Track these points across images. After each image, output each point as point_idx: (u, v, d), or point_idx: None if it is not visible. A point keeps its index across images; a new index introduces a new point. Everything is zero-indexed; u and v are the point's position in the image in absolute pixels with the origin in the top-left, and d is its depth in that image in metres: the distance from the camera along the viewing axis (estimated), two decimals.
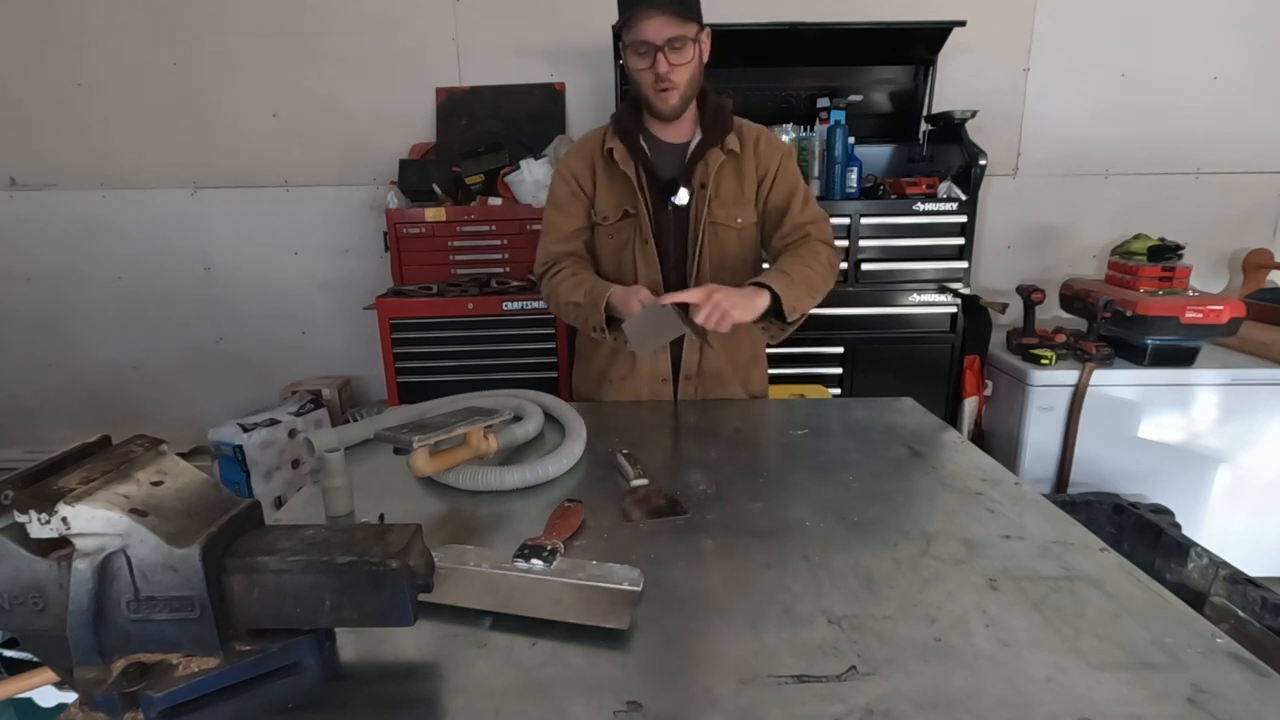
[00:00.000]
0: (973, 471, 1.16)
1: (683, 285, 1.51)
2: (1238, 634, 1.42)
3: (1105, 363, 2.34)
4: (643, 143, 1.48)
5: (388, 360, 2.52)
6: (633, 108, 1.49)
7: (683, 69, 1.36)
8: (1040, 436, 2.38)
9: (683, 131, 1.50)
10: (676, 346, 1.54)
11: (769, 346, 1.64)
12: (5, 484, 0.59)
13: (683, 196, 1.46)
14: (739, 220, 1.50)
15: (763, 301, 1.32)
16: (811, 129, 2.55)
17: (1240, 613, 1.51)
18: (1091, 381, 2.29)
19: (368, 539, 0.65)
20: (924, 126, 2.75)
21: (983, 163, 2.42)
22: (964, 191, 2.46)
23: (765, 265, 1.59)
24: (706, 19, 1.38)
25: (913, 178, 2.49)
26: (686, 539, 0.95)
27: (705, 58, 1.42)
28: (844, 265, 2.48)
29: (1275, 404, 2.30)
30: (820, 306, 2.41)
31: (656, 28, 1.31)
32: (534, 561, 0.85)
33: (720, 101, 1.49)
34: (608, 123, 1.53)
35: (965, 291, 2.49)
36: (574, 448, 1.19)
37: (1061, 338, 2.45)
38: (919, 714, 0.63)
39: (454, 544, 0.91)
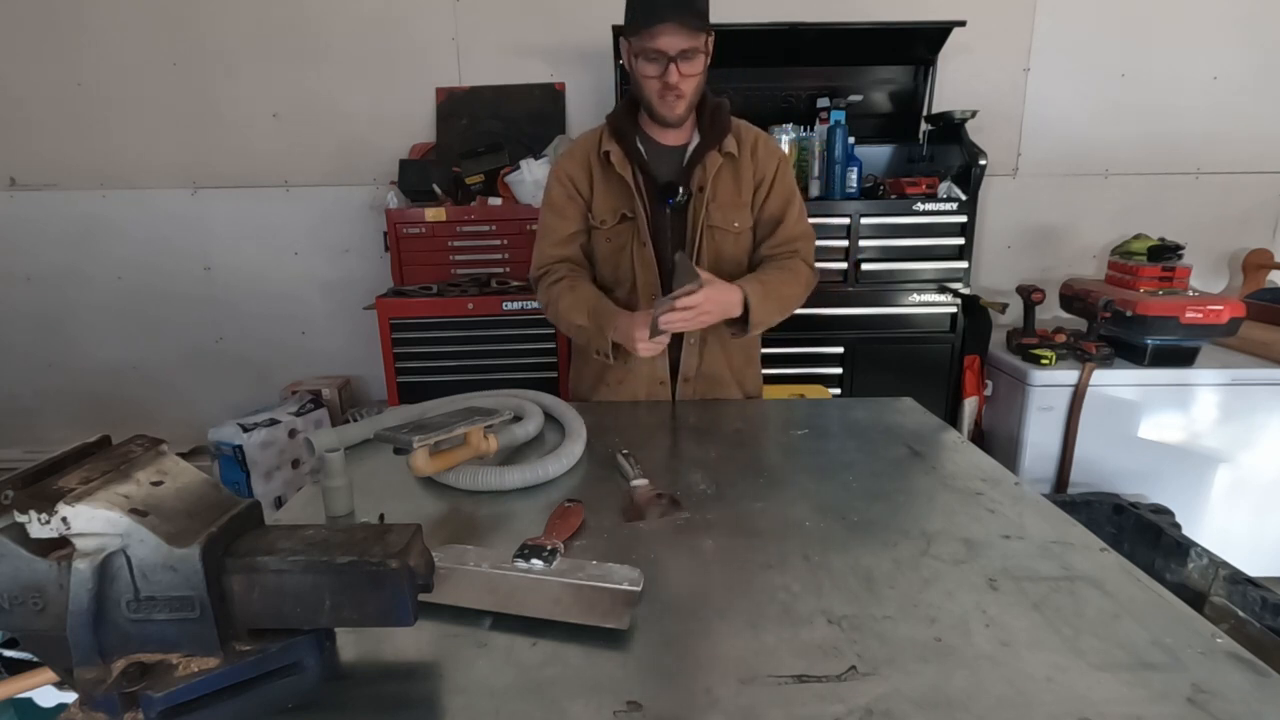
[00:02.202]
0: (973, 471, 1.16)
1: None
2: (1238, 634, 1.42)
3: (1105, 363, 2.34)
4: (639, 145, 1.48)
5: (388, 360, 2.52)
6: (629, 108, 1.49)
7: (692, 79, 1.36)
8: (1040, 436, 2.38)
9: (680, 134, 1.49)
10: (675, 350, 1.54)
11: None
12: (5, 484, 0.59)
13: (681, 199, 1.46)
14: (735, 224, 1.49)
15: (735, 311, 1.38)
16: (811, 129, 2.55)
17: (1240, 613, 1.51)
18: (1091, 381, 2.29)
19: (368, 539, 0.65)
20: (924, 126, 2.75)
21: (983, 163, 2.42)
22: (964, 191, 2.46)
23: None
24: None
25: (913, 178, 2.49)
26: (686, 539, 0.95)
27: (709, 61, 1.42)
28: (844, 265, 2.49)
29: (1275, 404, 2.30)
30: (820, 306, 2.45)
31: (671, 39, 1.30)
32: (534, 561, 0.85)
33: (718, 102, 1.49)
34: (602, 124, 1.52)
35: (965, 291, 2.49)
36: (574, 448, 1.19)
37: (1061, 338, 2.45)
38: (919, 714, 0.63)
39: (454, 544, 0.91)
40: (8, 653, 0.98)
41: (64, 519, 0.57)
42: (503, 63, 2.85)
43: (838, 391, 2.56)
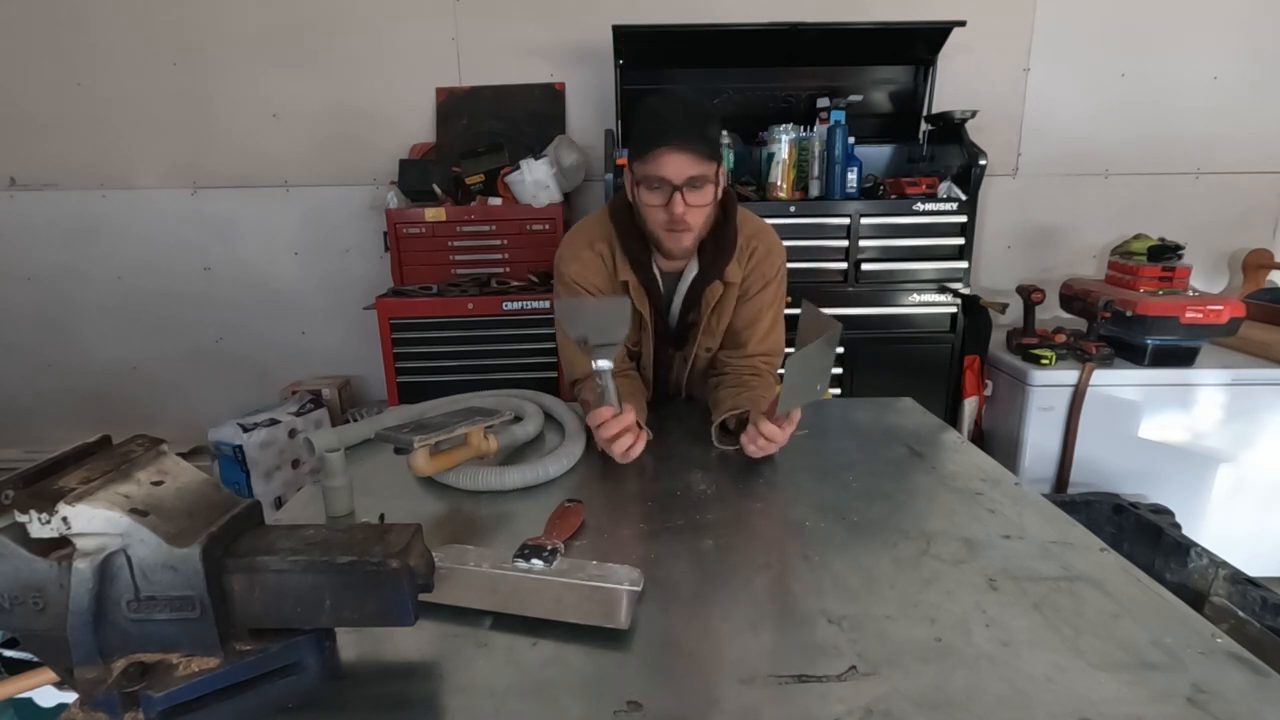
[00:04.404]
0: (973, 471, 1.16)
1: (665, 389, 1.54)
2: (1238, 634, 1.42)
3: (1105, 363, 2.34)
4: (655, 272, 1.38)
5: (388, 360, 2.52)
6: (636, 225, 1.36)
7: (699, 210, 1.26)
8: (1040, 436, 2.38)
9: (678, 260, 1.38)
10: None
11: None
12: (5, 484, 0.59)
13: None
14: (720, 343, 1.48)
15: None
16: (811, 129, 2.55)
17: (1240, 613, 1.51)
18: (1091, 381, 2.29)
19: (368, 539, 0.65)
20: (924, 126, 2.75)
21: (983, 163, 2.42)
22: (964, 191, 2.46)
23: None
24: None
25: (913, 178, 2.49)
26: (686, 539, 0.95)
27: (719, 194, 1.32)
28: (844, 265, 2.49)
29: (1275, 404, 2.30)
30: (820, 307, 2.43)
31: (677, 166, 1.20)
32: (534, 561, 0.85)
33: (729, 229, 1.36)
34: (606, 221, 1.39)
35: (965, 291, 2.49)
36: (574, 448, 1.19)
37: (1061, 338, 2.45)
38: (919, 714, 0.63)
39: (454, 544, 0.91)
40: (8, 653, 0.98)
41: (64, 519, 0.57)
42: (503, 63, 2.85)
43: (838, 391, 2.56)
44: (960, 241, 2.48)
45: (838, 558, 0.90)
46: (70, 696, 0.68)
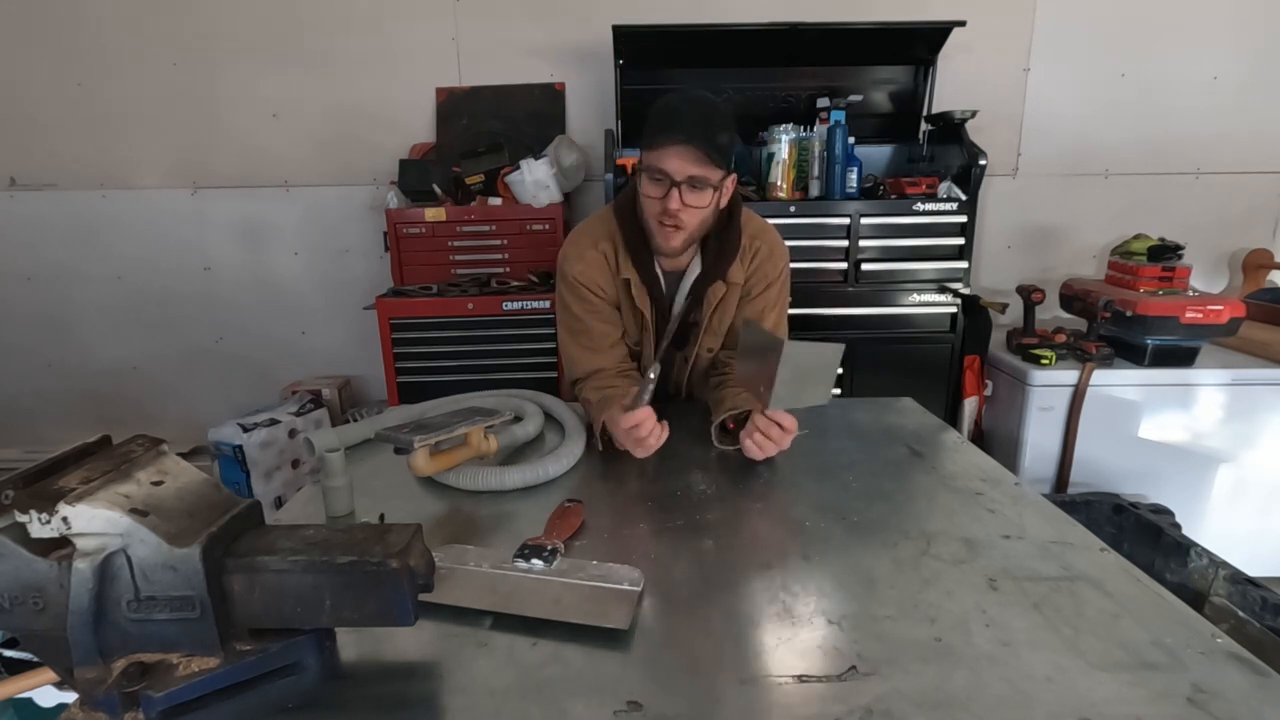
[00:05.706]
0: (973, 471, 1.16)
1: (665, 389, 1.52)
2: (1238, 634, 1.42)
3: (1105, 363, 2.34)
4: (658, 271, 1.38)
5: (388, 360, 2.52)
6: (638, 223, 1.36)
7: (695, 212, 1.25)
8: (1040, 436, 2.38)
9: (680, 259, 1.39)
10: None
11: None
12: (5, 484, 0.59)
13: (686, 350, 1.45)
14: (722, 346, 1.48)
15: None
16: (811, 129, 2.54)
17: (1240, 613, 1.51)
18: (1091, 381, 2.29)
19: (368, 539, 0.65)
20: (924, 126, 2.75)
21: (983, 163, 2.42)
22: (964, 191, 2.45)
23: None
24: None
25: (913, 178, 2.49)
26: (686, 539, 0.95)
27: (723, 203, 1.33)
28: (844, 265, 2.48)
29: (1275, 404, 2.30)
30: (820, 306, 2.45)
31: (680, 162, 1.21)
32: (534, 561, 0.85)
33: (734, 230, 1.36)
34: (609, 219, 1.40)
35: (965, 291, 2.49)
36: (574, 448, 1.20)
37: (1061, 338, 2.45)
38: (919, 714, 0.63)
39: (454, 544, 0.91)
40: (8, 653, 0.98)
41: (64, 519, 0.57)
42: (503, 63, 2.85)
43: (838, 392, 2.56)
44: (960, 241, 2.47)
45: (838, 558, 0.90)
46: (70, 696, 0.68)
